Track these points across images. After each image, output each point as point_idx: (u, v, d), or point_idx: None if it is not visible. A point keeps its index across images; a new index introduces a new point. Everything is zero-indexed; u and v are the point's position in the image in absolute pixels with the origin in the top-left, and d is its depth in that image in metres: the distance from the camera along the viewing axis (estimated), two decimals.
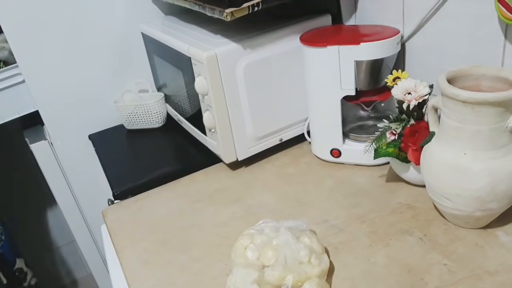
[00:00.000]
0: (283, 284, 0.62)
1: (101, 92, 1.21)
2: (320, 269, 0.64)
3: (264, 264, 0.65)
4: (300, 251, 0.65)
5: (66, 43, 1.12)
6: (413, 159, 0.77)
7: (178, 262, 0.76)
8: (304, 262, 0.64)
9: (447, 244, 0.70)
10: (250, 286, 0.62)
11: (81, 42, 1.14)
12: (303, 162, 0.99)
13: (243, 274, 0.63)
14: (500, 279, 0.63)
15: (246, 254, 0.67)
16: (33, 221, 1.75)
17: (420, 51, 0.89)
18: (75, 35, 1.13)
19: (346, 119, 0.94)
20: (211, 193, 0.93)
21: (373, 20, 0.95)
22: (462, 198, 0.67)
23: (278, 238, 0.66)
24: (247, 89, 0.91)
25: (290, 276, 0.63)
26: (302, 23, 0.95)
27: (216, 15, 0.84)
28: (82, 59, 1.16)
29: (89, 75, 1.18)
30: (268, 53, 0.92)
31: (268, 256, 0.65)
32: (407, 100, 0.77)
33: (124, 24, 1.17)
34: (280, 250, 0.65)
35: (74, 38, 1.13)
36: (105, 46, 1.17)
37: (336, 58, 0.85)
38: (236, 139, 0.94)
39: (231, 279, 0.64)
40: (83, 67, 1.13)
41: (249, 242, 0.68)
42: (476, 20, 0.76)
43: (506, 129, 0.63)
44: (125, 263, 0.78)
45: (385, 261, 0.69)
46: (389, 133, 0.81)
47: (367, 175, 0.90)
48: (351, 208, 0.82)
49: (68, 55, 1.06)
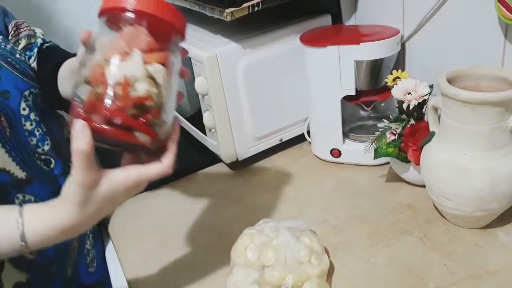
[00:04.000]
0: (283, 284, 0.62)
1: None
2: (320, 269, 0.64)
3: (264, 264, 0.65)
4: (300, 251, 0.65)
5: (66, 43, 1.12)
6: (413, 159, 0.77)
7: (178, 262, 0.76)
8: (304, 262, 0.64)
9: (447, 244, 0.70)
10: (250, 286, 0.62)
11: None
12: (303, 162, 0.99)
13: (243, 274, 0.63)
14: (500, 279, 0.63)
15: (246, 254, 0.67)
16: None
17: (420, 51, 0.89)
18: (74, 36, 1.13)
19: (346, 119, 0.94)
20: (211, 193, 0.93)
21: (373, 20, 0.95)
22: (462, 198, 0.67)
23: (278, 238, 0.66)
24: (247, 89, 0.91)
25: (290, 276, 0.63)
26: (302, 23, 0.95)
27: (216, 15, 0.84)
28: None
29: None
30: (268, 53, 0.91)
31: (268, 256, 0.65)
32: (407, 100, 0.77)
33: None
34: (280, 250, 0.65)
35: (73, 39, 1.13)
36: None
37: (336, 58, 0.85)
38: (236, 139, 0.94)
39: (231, 279, 0.64)
40: None
41: (249, 242, 0.68)
42: (476, 20, 0.76)
43: (506, 129, 0.63)
44: (125, 263, 0.78)
45: (385, 261, 0.69)
46: (389, 133, 0.81)
47: (367, 175, 0.90)
48: (351, 208, 0.82)
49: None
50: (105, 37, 0.52)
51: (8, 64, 0.68)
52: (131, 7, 0.49)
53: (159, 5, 0.50)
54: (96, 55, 0.51)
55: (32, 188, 0.68)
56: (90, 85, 0.49)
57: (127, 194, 0.54)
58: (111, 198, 0.52)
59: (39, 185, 0.69)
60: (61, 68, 0.74)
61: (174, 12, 0.52)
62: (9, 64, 0.68)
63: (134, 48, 0.49)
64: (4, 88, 0.66)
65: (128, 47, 0.49)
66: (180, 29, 0.53)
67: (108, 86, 0.48)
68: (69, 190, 0.52)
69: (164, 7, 0.51)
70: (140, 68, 0.49)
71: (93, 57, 0.51)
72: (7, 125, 0.65)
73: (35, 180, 0.68)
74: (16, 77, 0.68)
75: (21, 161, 0.66)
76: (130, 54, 0.49)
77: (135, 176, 0.53)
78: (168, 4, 0.51)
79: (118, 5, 0.50)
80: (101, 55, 0.50)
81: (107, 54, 0.49)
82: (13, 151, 0.65)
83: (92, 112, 0.48)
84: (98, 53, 0.50)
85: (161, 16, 0.50)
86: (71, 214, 0.51)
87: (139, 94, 0.49)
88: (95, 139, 0.49)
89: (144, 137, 0.51)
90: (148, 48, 0.50)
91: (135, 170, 0.53)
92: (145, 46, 0.50)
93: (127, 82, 0.48)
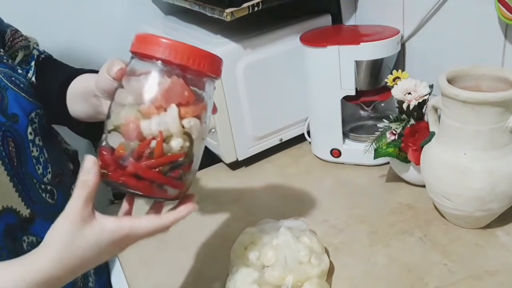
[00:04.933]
0: (283, 284, 0.62)
1: None
2: (320, 269, 0.64)
3: (264, 264, 0.65)
4: (300, 251, 0.65)
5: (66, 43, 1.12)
6: (413, 159, 0.77)
7: (178, 262, 0.76)
8: (304, 262, 0.64)
9: (447, 244, 0.70)
10: (250, 286, 0.62)
11: (81, 42, 1.14)
12: (303, 162, 0.99)
13: (243, 274, 0.63)
14: (500, 279, 0.63)
15: (246, 254, 0.67)
16: None
17: (420, 51, 0.89)
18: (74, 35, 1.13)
19: (346, 119, 0.94)
20: (211, 193, 0.93)
21: (373, 20, 0.95)
22: (462, 198, 0.67)
23: (278, 238, 0.66)
24: (247, 89, 0.91)
25: (290, 276, 0.63)
26: (302, 23, 0.95)
27: (216, 15, 0.84)
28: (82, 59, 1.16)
29: None
30: (268, 53, 0.91)
31: (268, 256, 0.65)
32: (407, 100, 0.77)
33: (124, 24, 1.17)
34: (280, 250, 0.65)
35: (73, 38, 1.13)
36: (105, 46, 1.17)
37: (336, 58, 0.85)
38: (236, 139, 0.94)
39: (231, 279, 0.64)
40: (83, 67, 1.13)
41: (249, 241, 0.68)
42: (476, 20, 0.76)
43: (506, 129, 0.63)
44: (125, 263, 0.78)
45: (385, 261, 0.69)
46: (389, 133, 0.81)
47: (367, 175, 0.90)
48: (351, 208, 0.82)
49: (67, 55, 1.05)
50: (138, 82, 0.49)
51: (13, 84, 0.62)
52: (166, 57, 0.47)
53: (196, 55, 0.48)
54: (129, 100, 0.49)
55: (34, 227, 0.61)
56: (122, 135, 0.48)
57: (114, 247, 0.49)
58: (95, 247, 0.47)
59: (41, 223, 0.62)
60: (72, 86, 0.68)
61: (211, 58, 0.49)
62: (14, 84, 0.63)
63: (171, 102, 0.47)
64: (12, 111, 0.60)
65: (165, 102, 0.47)
66: (216, 73, 0.51)
67: (142, 141, 0.47)
68: (54, 230, 0.47)
69: (201, 56, 0.48)
70: (176, 124, 0.47)
71: (127, 104, 0.49)
72: (14, 154, 0.59)
73: (38, 218, 0.61)
74: (22, 98, 0.62)
75: (26, 196, 0.60)
76: (167, 108, 0.47)
77: (126, 230, 0.48)
78: (204, 51, 0.49)
79: (154, 54, 0.48)
80: (135, 103, 0.48)
81: (143, 108, 0.47)
82: (20, 184, 0.59)
83: (123, 164, 0.47)
84: (131, 99, 0.49)
85: (198, 68, 0.48)
86: (50, 261, 0.45)
87: (173, 151, 0.48)
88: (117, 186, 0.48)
89: (173, 191, 0.50)
90: (185, 102, 0.48)
91: (128, 222, 0.49)
92: (182, 100, 0.48)
93: (162, 138, 0.47)
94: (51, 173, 0.65)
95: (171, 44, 0.47)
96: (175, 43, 0.47)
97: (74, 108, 0.68)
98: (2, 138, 0.57)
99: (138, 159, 0.47)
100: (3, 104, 0.59)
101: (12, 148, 0.58)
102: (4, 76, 0.62)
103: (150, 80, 0.48)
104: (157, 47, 0.47)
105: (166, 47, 0.47)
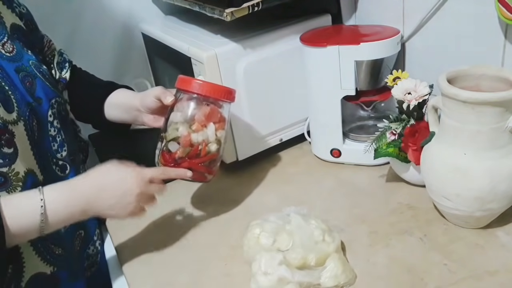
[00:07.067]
0: (306, 264, 0.65)
1: None
2: (335, 245, 0.67)
3: (280, 249, 0.66)
4: (313, 232, 0.68)
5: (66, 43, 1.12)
6: (413, 159, 0.77)
7: (178, 262, 0.76)
8: (319, 241, 0.67)
9: (447, 244, 0.70)
10: (279, 267, 0.63)
11: (81, 42, 1.14)
12: (303, 162, 0.99)
13: (267, 259, 0.65)
14: (500, 279, 0.63)
15: (260, 242, 0.68)
16: None
17: (420, 51, 0.89)
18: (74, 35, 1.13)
19: (346, 119, 0.94)
20: (211, 193, 0.93)
21: (373, 20, 0.95)
22: (462, 198, 0.67)
23: (290, 223, 0.69)
24: (247, 89, 0.91)
25: (312, 255, 0.65)
26: (302, 23, 0.95)
27: (216, 15, 0.84)
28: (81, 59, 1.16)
29: None
30: (268, 53, 0.92)
31: (284, 241, 0.67)
32: (407, 100, 0.77)
33: (124, 24, 1.17)
34: (295, 233, 0.67)
35: (73, 38, 1.13)
36: (105, 46, 1.17)
37: (336, 58, 0.85)
38: (236, 139, 0.94)
39: (256, 265, 0.65)
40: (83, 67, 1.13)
41: (259, 231, 0.69)
42: (476, 20, 0.76)
43: (506, 129, 0.63)
44: (125, 263, 0.78)
45: (385, 261, 0.69)
46: (389, 133, 0.81)
47: (367, 175, 0.90)
48: (351, 208, 0.82)
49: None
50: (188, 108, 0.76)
51: (40, 74, 0.76)
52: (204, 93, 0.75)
53: (223, 91, 0.77)
54: (180, 119, 0.76)
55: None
56: (179, 144, 0.75)
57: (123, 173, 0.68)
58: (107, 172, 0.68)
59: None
60: (113, 97, 0.88)
61: (229, 90, 0.77)
62: (42, 74, 0.77)
63: (210, 122, 0.76)
64: (38, 95, 0.74)
65: (206, 121, 0.76)
66: (232, 99, 0.79)
67: (194, 147, 0.75)
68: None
69: (222, 90, 0.77)
70: (213, 136, 0.76)
71: (179, 122, 0.76)
72: (36, 129, 0.72)
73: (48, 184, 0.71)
74: (46, 86, 0.76)
75: (41, 165, 0.72)
76: (207, 125, 0.76)
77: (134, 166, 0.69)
78: (224, 87, 0.78)
79: (196, 91, 0.76)
80: (185, 121, 0.76)
81: (193, 126, 0.75)
82: (38, 154, 0.71)
83: (181, 162, 0.76)
84: (182, 119, 0.76)
85: (223, 99, 0.77)
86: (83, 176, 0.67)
87: (212, 152, 0.77)
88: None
89: (209, 176, 0.80)
90: (217, 120, 0.77)
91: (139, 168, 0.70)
92: (216, 120, 0.77)
93: (205, 145, 0.76)
94: (66, 151, 0.79)
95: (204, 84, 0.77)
96: (206, 83, 0.77)
97: (111, 113, 0.89)
98: (29, 114, 0.70)
99: (191, 158, 0.76)
100: (32, 88, 0.73)
101: (35, 124, 0.72)
102: (35, 67, 0.76)
103: (196, 107, 0.76)
104: (196, 85, 0.76)
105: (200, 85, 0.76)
